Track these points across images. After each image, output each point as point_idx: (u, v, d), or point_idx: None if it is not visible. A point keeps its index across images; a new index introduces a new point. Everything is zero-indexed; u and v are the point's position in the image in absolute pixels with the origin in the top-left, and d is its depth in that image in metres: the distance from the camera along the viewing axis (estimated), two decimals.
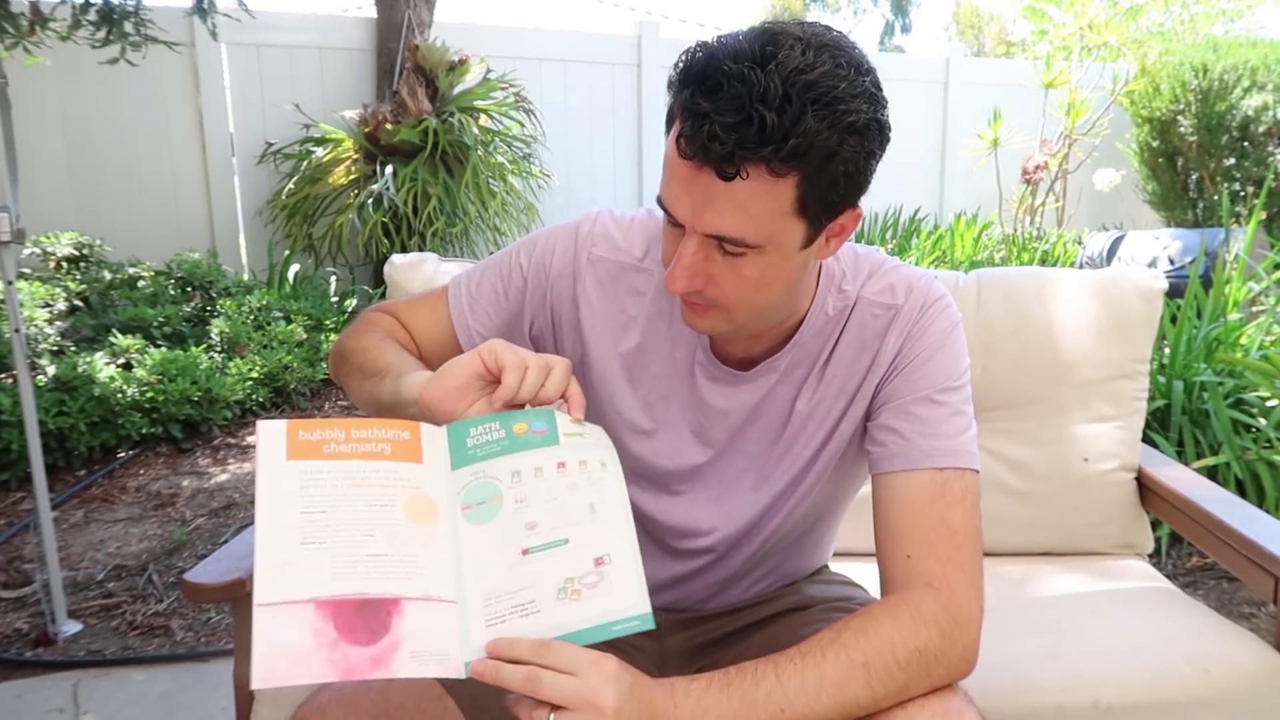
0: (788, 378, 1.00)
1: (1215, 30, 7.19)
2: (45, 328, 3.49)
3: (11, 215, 2.00)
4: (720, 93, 0.75)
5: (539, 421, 0.84)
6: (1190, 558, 2.47)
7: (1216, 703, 1.15)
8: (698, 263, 0.84)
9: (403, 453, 0.80)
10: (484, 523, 0.79)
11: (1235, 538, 1.26)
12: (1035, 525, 1.57)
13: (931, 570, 0.87)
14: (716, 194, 0.79)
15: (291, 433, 0.78)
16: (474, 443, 0.82)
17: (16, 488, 2.93)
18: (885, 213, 6.24)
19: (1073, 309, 1.56)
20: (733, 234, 0.81)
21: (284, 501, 0.74)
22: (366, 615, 0.71)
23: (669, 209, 0.84)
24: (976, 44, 16.88)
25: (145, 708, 1.90)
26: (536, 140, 5.03)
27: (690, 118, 0.77)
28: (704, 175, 0.78)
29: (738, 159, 0.76)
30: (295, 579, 0.71)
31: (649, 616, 0.76)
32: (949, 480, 0.91)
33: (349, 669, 0.69)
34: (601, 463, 0.83)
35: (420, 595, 0.73)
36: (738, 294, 0.86)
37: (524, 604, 0.75)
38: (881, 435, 0.95)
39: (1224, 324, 2.77)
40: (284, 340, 3.79)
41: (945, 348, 0.96)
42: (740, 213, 0.79)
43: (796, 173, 0.78)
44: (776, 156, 0.76)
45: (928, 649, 0.82)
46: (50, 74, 4.40)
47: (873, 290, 0.99)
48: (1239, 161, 5.35)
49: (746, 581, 1.12)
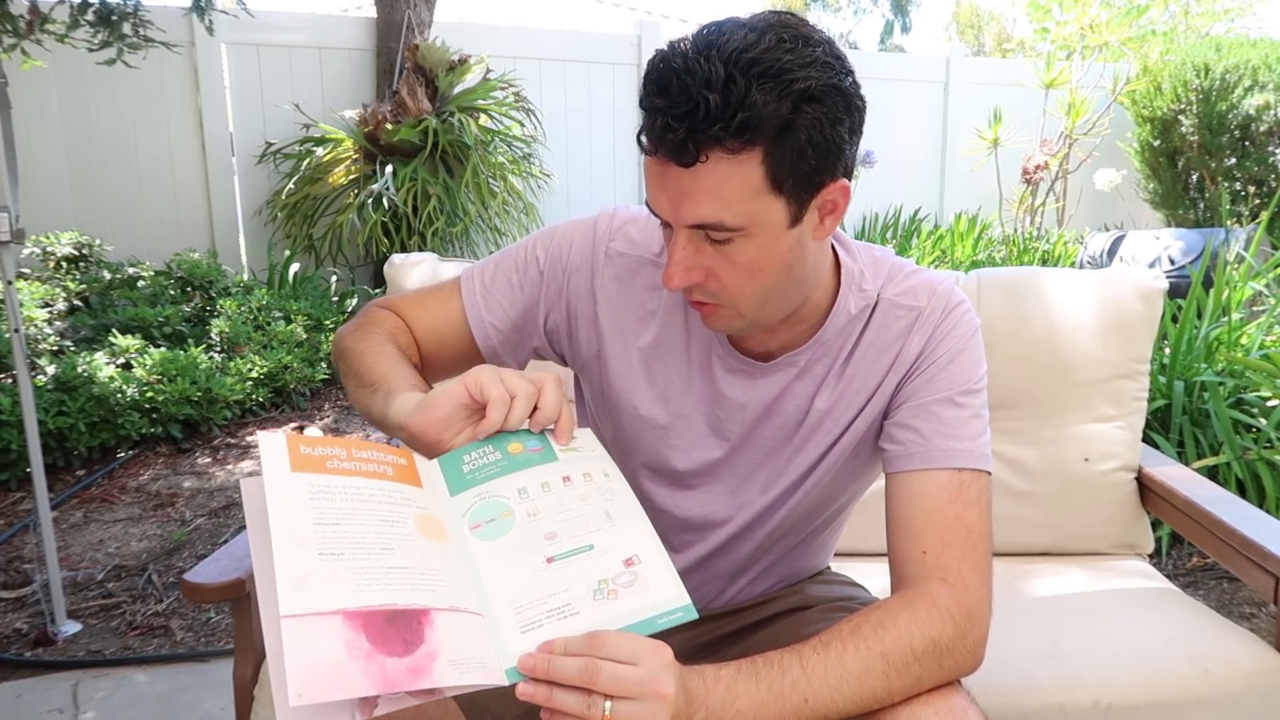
0: (806, 374, 1.00)
1: (1216, 29, 7.20)
2: (45, 328, 3.49)
3: (11, 215, 2.00)
4: (670, 87, 0.78)
5: (533, 440, 0.84)
6: (1190, 558, 2.47)
7: (1217, 703, 1.15)
8: (690, 257, 0.85)
9: (403, 476, 0.80)
10: (497, 538, 0.78)
11: (1236, 538, 1.26)
12: (1035, 525, 1.57)
13: (947, 566, 0.88)
14: (685, 184, 0.81)
15: (293, 446, 0.77)
16: (470, 468, 0.82)
17: (16, 488, 2.93)
18: (885, 213, 6.24)
19: (1073, 309, 1.56)
20: (711, 220, 0.82)
21: (295, 513, 0.72)
22: (398, 625, 0.69)
23: (653, 210, 0.86)
24: (976, 44, 16.87)
25: (145, 708, 1.90)
26: (536, 140, 5.03)
27: (649, 116, 0.80)
28: (671, 169, 0.81)
29: (691, 145, 0.78)
30: (319, 590, 0.68)
31: (691, 607, 0.76)
32: (966, 481, 0.92)
33: (388, 681, 0.66)
34: (604, 473, 0.83)
35: (448, 606, 0.72)
36: (735, 283, 0.86)
37: (559, 608, 0.74)
38: (900, 434, 0.96)
39: (1225, 324, 2.77)
40: (284, 340, 3.79)
41: (967, 351, 0.97)
42: (713, 198, 0.81)
43: (757, 148, 0.79)
44: (728, 134, 0.77)
45: (941, 640, 0.84)
46: (50, 74, 4.40)
47: (895, 291, 0.99)
48: (1240, 161, 5.35)
49: (749, 577, 1.12)
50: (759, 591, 1.14)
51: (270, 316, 3.95)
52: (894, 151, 6.23)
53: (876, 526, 0.97)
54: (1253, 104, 5.21)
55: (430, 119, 4.49)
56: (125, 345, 3.39)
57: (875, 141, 6.20)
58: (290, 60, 4.97)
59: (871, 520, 1.28)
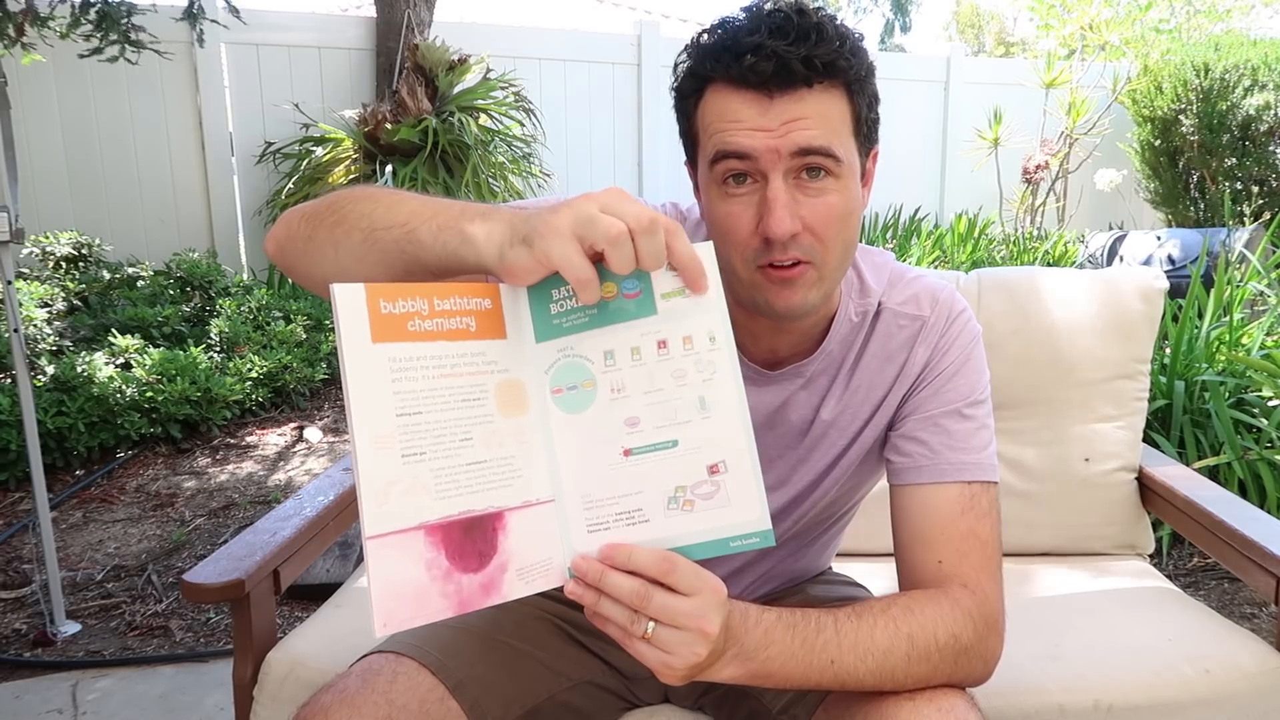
0: (812, 384, 1.00)
1: (1216, 29, 7.19)
2: (44, 328, 3.49)
3: (11, 215, 2.00)
4: (760, 30, 0.80)
5: (630, 281, 0.72)
6: (1191, 558, 2.46)
7: (1217, 703, 1.15)
8: (790, 201, 0.83)
9: (486, 328, 0.72)
10: (578, 411, 0.72)
11: (1236, 538, 1.26)
12: (1036, 525, 1.56)
13: (965, 575, 0.89)
14: (799, 110, 0.81)
15: (373, 304, 0.67)
16: (557, 310, 0.72)
17: (15, 488, 2.93)
18: (885, 212, 6.24)
19: (1074, 309, 1.56)
20: (823, 144, 0.82)
21: (378, 402, 0.66)
22: (474, 536, 0.68)
23: (746, 151, 0.82)
24: (976, 43, 16.87)
25: (144, 708, 1.90)
26: (536, 140, 5.03)
27: (748, 54, 0.80)
28: (780, 99, 0.81)
29: (817, 62, 0.80)
30: (402, 503, 0.66)
31: (770, 533, 0.72)
32: (977, 494, 0.93)
33: (463, 601, 0.66)
34: (710, 337, 0.72)
35: (521, 503, 0.70)
36: (830, 230, 0.85)
37: (629, 511, 0.71)
38: (908, 446, 0.95)
39: (1226, 323, 2.76)
40: (283, 340, 3.79)
41: (971, 361, 0.97)
42: (824, 122, 0.82)
43: (846, 85, 0.83)
44: (842, 53, 0.81)
45: (962, 638, 0.85)
46: (50, 74, 4.40)
47: (897, 300, 0.99)
48: (1240, 161, 5.35)
49: (754, 579, 1.12)
50: (763, 593, 1.14)
51: (270, 316, 3.95)
52: (894, 151, 6.22)
53: (876, 527, 0.97)
54: (1253, 103, 5.21)
55: (430, 119, 4.49)
56: (124, 345, 3.39)
57: None
58: (290, 60, 4.97)
59: (871, 520, 1.29)
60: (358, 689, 0.86)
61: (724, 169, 0.84)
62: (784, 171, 0.82)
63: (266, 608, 1.20)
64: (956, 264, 4.86)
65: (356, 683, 0.87)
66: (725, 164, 0.83)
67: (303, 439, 3.45)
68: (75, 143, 4.58)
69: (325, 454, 3.32)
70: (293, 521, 1.29)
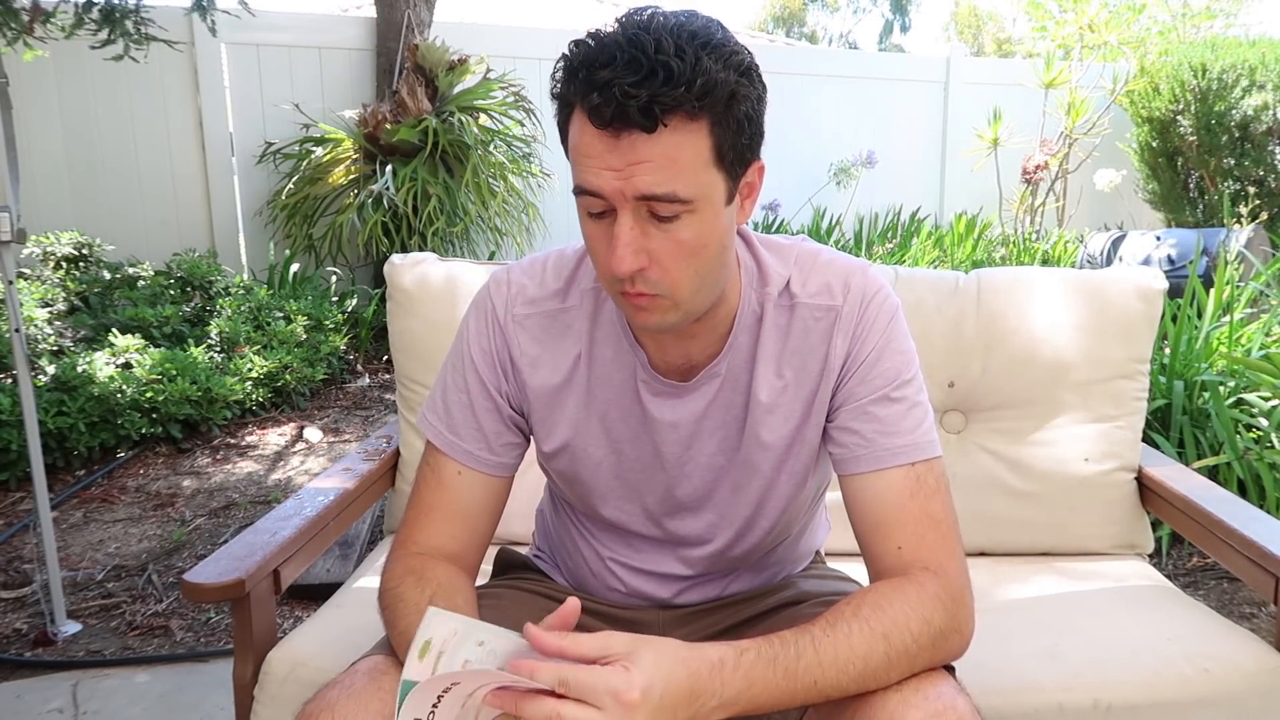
0: (730, 381, 1.00)
1: (1213, 28, 7.19)
2: (45, 327, 3.49)
3: (12, 215, 2.00)
4: (615, 62, 0.78)
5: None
6: (1191, 558, 2.47)
7: (1217, 703, 1.15)
8: (636, 238, 0.83)
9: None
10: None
11: (1236, 538, 1.26)
12: (1035, 525, 1.57)
13: (925, 557, 0.90)
14: (642, 153, 0.80)
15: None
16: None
17: (16, 488, 2.93)
18: (885, 213, 6.24)
19: (1073, 309, 1.56)
20: (666, 190, 0.81)
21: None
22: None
23: (595, 190, 0.83)
24: (975, 43, 16.87)
25: (145, 708, 1.90)
26: (536, 140, 5.03)
27: (595, 91, 0.78)
28: (626, 139, 0.79)
29: (657, 108, 0.77)
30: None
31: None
32: (922, 474, 0.93)
33: None
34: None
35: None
36: (678, 265, 0.85)
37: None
38: (843, 437, 0.96)
39: (1226, 323, 2.77)
40: (284, 340, 3.79)
41: (892, 343, 0.97)
42: (670, 166, 0.80)
43: (708, 117, 0.80)
44: (690, 97, 0.78)
45: (934, 622, 0.85)
46: (50, 73, 4.40)
47: (810, 292, 0.98)
48: (1239, 161, 5.35)
49: (743, 572, 1.14)
50: (755, 585, 1.15)
51: (270, 316, 3.95)
52: (894, 151, 6.22)
53: None
54: (1251, 103, 5.21)
55: (430, 119, 4.49)
56: (125, 345, 3.39)
57: (875, 141, 6.21)
58: (290, 60, 4.96)
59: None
60: (364, 685, 0.87)
61: (584, 203, 0.85)
62: (632, 209, 0.83)
63: (267, 607, 1.20)
64: (956, 264, 4.86)
65: (363, 679, 0.87)
66: (584, 199, 0.85)
67: (303, 439, 3.45)
68: (76, 143, 4.58)
69: (325, 454, 3.33)
70: (293, 521, 1.29)
